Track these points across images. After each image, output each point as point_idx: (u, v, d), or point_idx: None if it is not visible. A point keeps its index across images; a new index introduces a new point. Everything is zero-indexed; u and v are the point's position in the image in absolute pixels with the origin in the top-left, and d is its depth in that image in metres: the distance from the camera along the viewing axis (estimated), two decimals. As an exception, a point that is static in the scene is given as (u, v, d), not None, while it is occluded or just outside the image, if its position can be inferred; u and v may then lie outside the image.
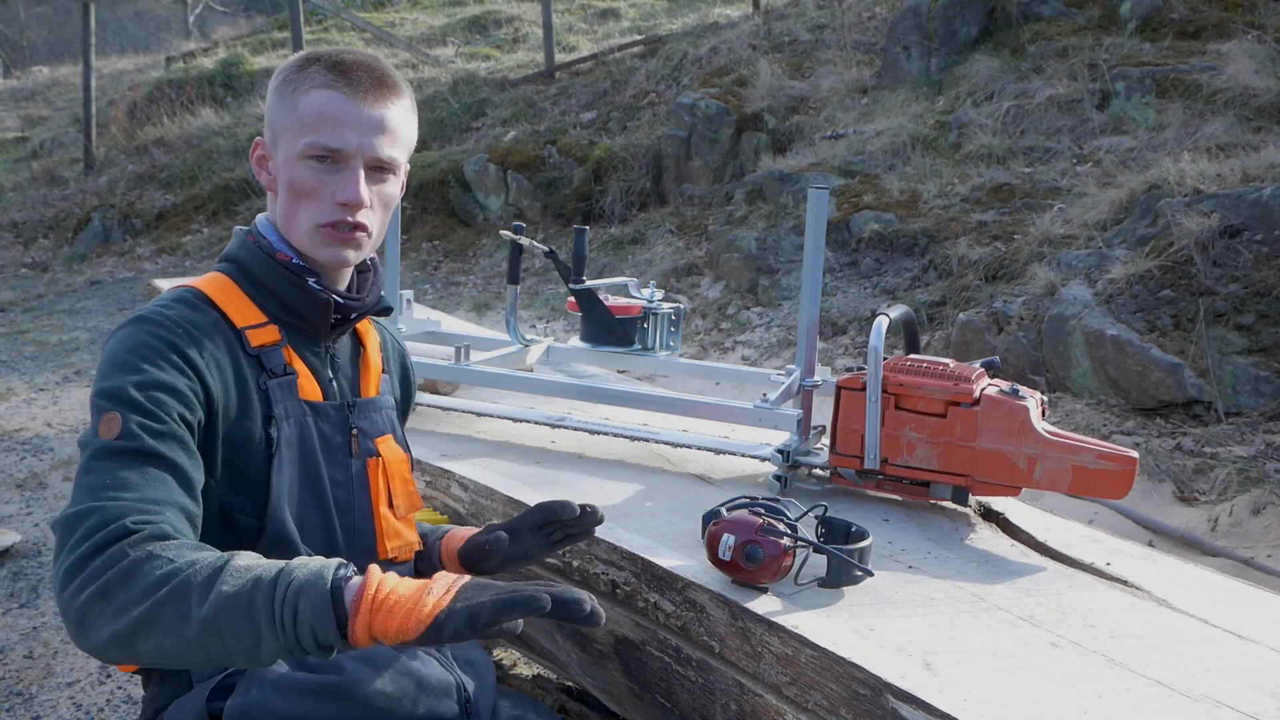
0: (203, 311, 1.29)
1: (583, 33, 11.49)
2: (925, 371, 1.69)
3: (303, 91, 1.29)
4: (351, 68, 1.30)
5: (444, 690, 1.33)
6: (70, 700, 2.61)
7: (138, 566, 1.04)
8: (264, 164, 1.36)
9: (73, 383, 5.50)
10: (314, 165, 1.28)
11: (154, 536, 1.08)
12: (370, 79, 1.30)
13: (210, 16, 18.32)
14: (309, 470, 1.32)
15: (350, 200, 1.28)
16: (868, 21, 8.39)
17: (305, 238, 1.32)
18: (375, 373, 1.46)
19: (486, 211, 8.25)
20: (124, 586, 1.03)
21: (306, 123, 1.28)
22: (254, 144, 1.37)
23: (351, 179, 1.28)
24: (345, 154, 1.28)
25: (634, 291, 2.53)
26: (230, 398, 1.26)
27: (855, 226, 5.48)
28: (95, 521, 1.07)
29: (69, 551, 1.07)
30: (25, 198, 11.08)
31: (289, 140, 1.30)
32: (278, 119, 1.32)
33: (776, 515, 1.41)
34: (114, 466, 1.12)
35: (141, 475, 1.13)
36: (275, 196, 1.34)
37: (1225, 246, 4.03)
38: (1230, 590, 1.50)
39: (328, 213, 1.29)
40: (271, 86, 1.34)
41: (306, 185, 1.29)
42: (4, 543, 3.43)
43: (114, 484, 1.11)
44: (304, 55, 1.34)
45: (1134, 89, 5.68)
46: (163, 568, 1.04)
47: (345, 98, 1.28)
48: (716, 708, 1.38)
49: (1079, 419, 3.75)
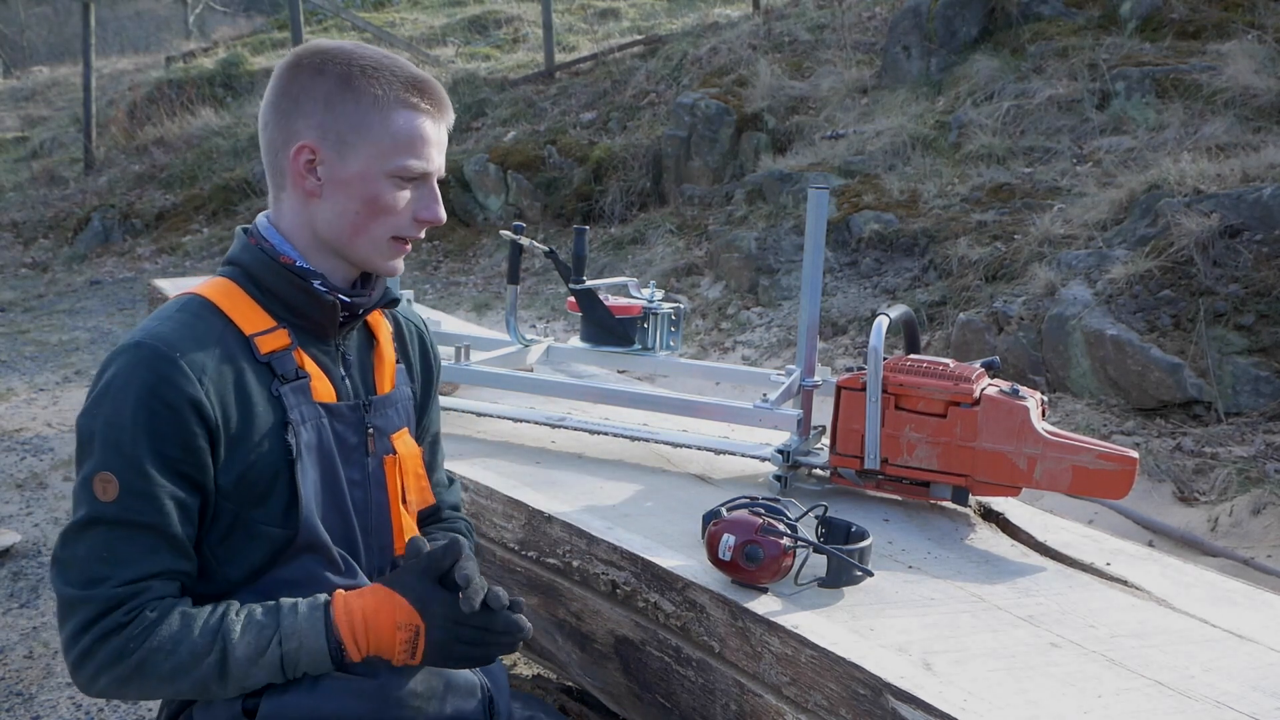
0: (207, 321, 1.27)
1: (583, 33, 11.49)
2: (925, 371, 1.69)
3: (389, 108, 1.28)
4: (425, 86, 1.32)
5: (469, 690, 1.35)
6: (70, 700, 2.61)
7: (144, 661, 1.19)
8: (312, 169, 1.29)
9: (73, 383, 5.50)
10: (399, 183, 1.30)
11: (147, 624, 1.19)
12: (440, 98, 1.34)
13: (210, 16, 18.31)
14: (327, 472, 1.32)
15: (435, 220, 1.35)
16: (868, 21, 8.39)
17: (372, 247, 1.33)
18: (389, 366, 1.45)
19: (486, 211, 8.25)
20: (139, 676, 1.19)
21: (400, 143, 1.29)
22: (298, 148, 1.28)
23: (433, 198, 1.35)
24: (429, 175, 1.33)
25: (634, 291, 2.53)
26: (232, 419, 1.25)
27: (855, 226, 5.48)
28: (90, 613, 1.18)
29: (73, 638, 1.19)
30: (25, 198, 11.08)
31: (372, 155, 1.28)
32: (351, 128, 1.28)
33: (776, 515, 1.41)
34: (108, 538, 1.19)
35: (134, 548, 1.20)
36: (318, 201, 1.30)
37: (1225, 246, 4.03)
38: (1230, 590, 1.50)
39: (405, 228, 1.33)
40: (329, 90, 1.28)
41: (388, 202, 1.30)
42: (4, 543, 3.43)
43: (109, 558, 1.19)
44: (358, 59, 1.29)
45: (1134, 89, 5.68)
46: (169, 659, 1.19)
47: (433, 121, 1.32)
48: (716, 708, 1.38)
49: (1079, 419, 3.75)
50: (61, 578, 1.20)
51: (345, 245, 1.32)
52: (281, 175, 1.32)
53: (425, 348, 1.56)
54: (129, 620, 1.18)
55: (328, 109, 1.28)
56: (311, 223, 1.32)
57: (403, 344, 1.51)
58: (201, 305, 1.29)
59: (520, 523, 1.74)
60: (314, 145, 1.29)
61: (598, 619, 1.59)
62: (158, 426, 1.19)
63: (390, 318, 1.51)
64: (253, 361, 1.28)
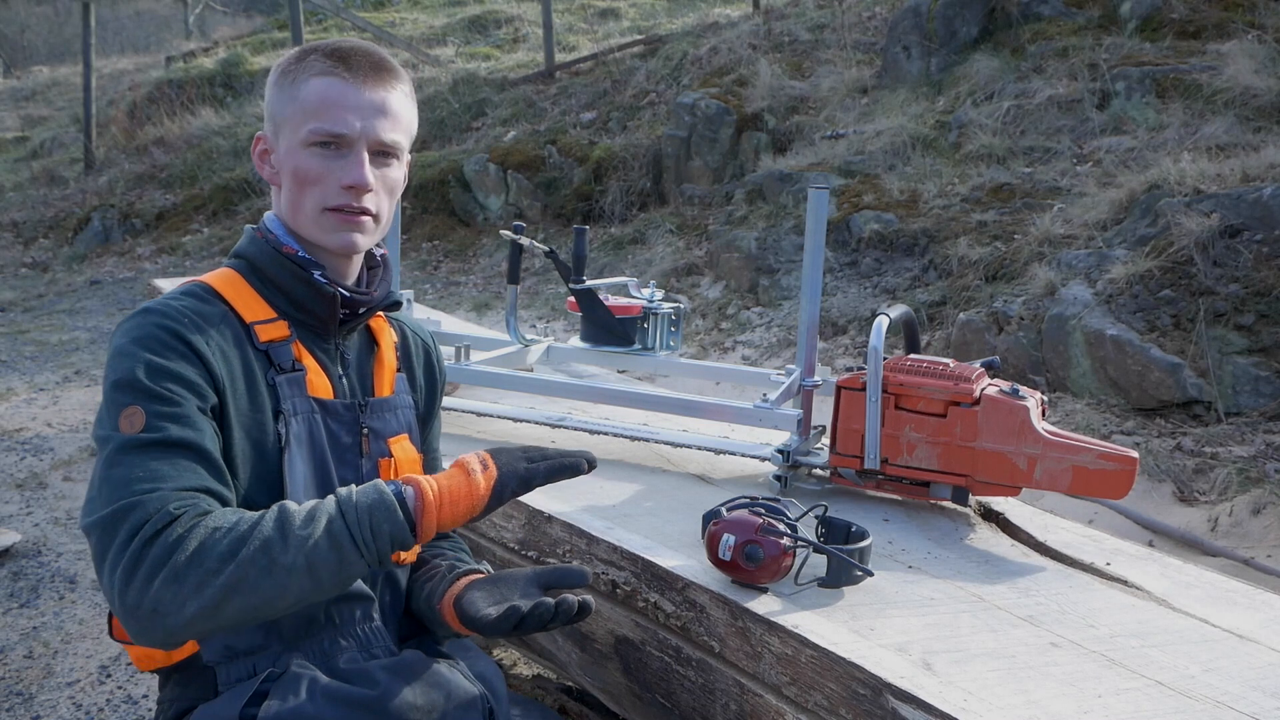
0: (210, 304, 1.29)
1: (583, 33, 11.49)
2: (925, 371, 1.69)
3: (303, 80, 1.30)
4: (350, 54, 1.31)
5: (470, 703, 1.34)
6: (70, 700, 2.61)
7: (201, 542, 1.09)
8: (266, 158, 1.36)
9: (73, 383, 5.50)
10: (318, 152, 1.29)
11: (200, 514, 1.12)
12: (369, 64, 1.31)
13: (210, 16, 18.31)
14: (319, 468, 1.32)
15: (356, 183, 1.29)
16: (868, 21, 8.39)
17: (312, 224, 1.32)
18: (389, 372, 1.44)
19: (486, 211, 8.25)
20: (196, 564, 1.08)
21: (308, 110, 1.29)
22: (255, 140, 1.37)
23: (356, 161, 1.30)
24: (349, 138, 1.29)
25: (634, 291, 2.53)
26: (238, 387, 1.26)
27: (855, 226, 5.48)
28: (138, 517, 1.10)
29: (119, 549, 1.09)
30: (25, 198, 11.08)
31: (291, 129, 1.30)
32: (278, 110, 1.32)
33: (776, 515, 1.41)
34: (143, 459, 1.14)
35: (172, 465, 1.15)
36: (280, 189, 1.34)
37: (1225, 246, 4.03)
38: (1230, 590, 1.50)
39: (333, 197, 1.30)
40: (270, 80, 1.35)
41: (311, 172, 1.29)
42: (4, 543, 3.43)
43: (147, 475, 1.13)
44: (302, 48, 1.35)
45: (1134, 89, 5.68)
46: (227, 535, 1.10)
47: (345, 83, 1.29)
48: (716, 708, 1.38)
49: (1079, 419, 3.75)
50: (94, 513, 1.11)
51: (296, 227, 1.34)
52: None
53: (431, 362, 1.56)
54: (178, 516, 1.10)
55: (271, 99, 1.34)
56: (281, 212, 1.36)
57: (407, 354, 1.51)
58: (205, 290, 1.31)
59: (520, 523, 1.74)
60: (264, 135, 1.36)
61: (598, 619, 1.59)
62: (172, 363, 1.20)
63: (397, 328, 1.51)
64: (251, 348, 1.29)
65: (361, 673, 1.27)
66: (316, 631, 1.32)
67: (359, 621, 1.36)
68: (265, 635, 1.29)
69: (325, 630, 1.32)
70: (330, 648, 1.32)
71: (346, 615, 1.34)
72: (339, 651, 1.33)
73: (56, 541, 3.52)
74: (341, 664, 1.31)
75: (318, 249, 1.35)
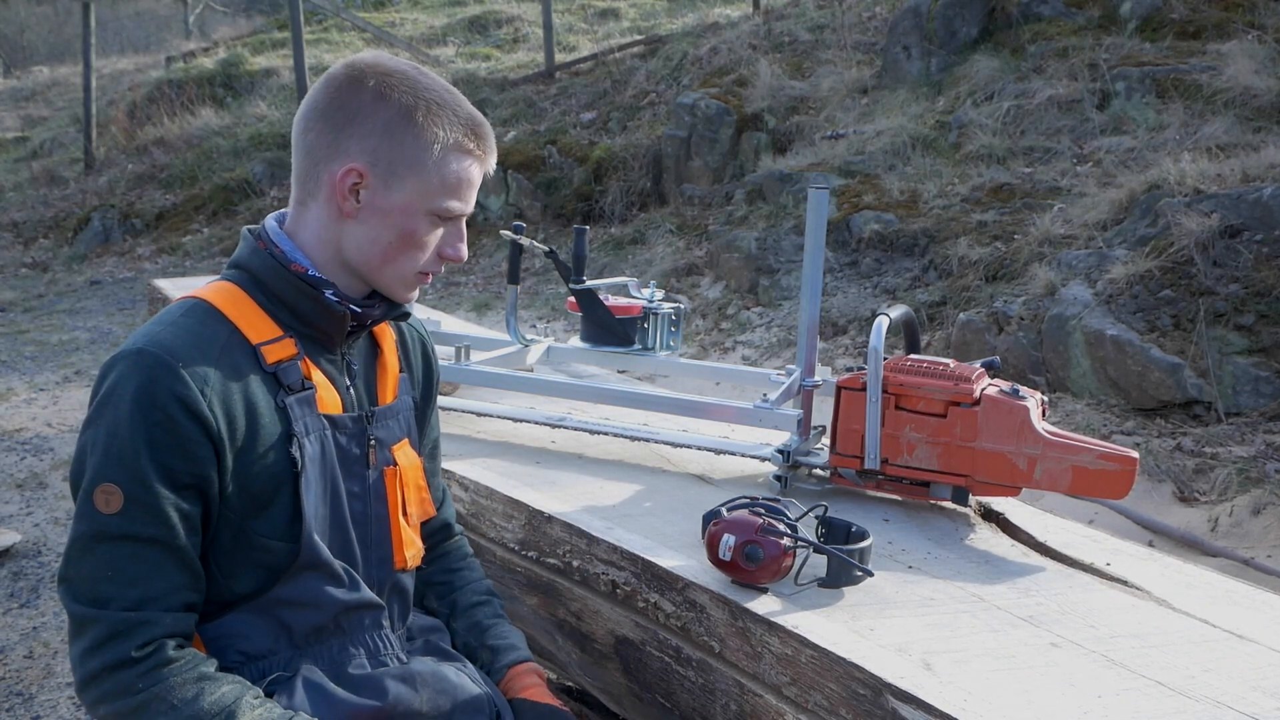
0: (212, 328, 1.23)
1: (583, 33, 11.49)
2: (925, 371, 1.69)
3: (447, 148, 1.28)
4: (484, 134, 1.33)
5: (477, 707, 1.34)
6: (70, 700, 2.61)
7: (149, 705, 1.14)
8: (355, 192, 1.27)
9: (73, 383, 5.50)
10: (435, 221, 1.31)
11: (159, 664, 1.15)
12: (493, 144, 1.35)
13: (210, 16, 18.30)
14: (329, 485, 1.31)
15: (458, 258, 1.36)
16: (868, 21, 8.39)
17: (397, 278, 1.33)
18: (393, 376, 1.44)
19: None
20: (138, 717, 1.15)
21: (448, 186, 1.29)
22: (346, 170, 1.26)
23: (459, 236, 1.35)
24: (464, 215, 1.34)
25: (634, 291, 2.53)
26: (238, 430, 1.22)
27: (855, 226, 5.48)
28: (101, 632, 1.15)
29: (82, 659, 1.16)
30: (25, 198, 11.08)
31: (417, 191, 1.27)
32: (399, 159, 1.26)
33: (776, 515, 1.41)
34: (114, 554, 1.16)
35: (140, 565, 1.17)
36: (353, 221, 1.28)
37: (1225, 246, 4.03)
38: (1230, 590, 1.50)
39: (430, 264, 1.34)
40: (386, 113, 1.26)
41: (424, 239, 1.31)
42: (4, 543, 3.43)
43: (115, 576, 1.16)
44: (419, 82, 1.28)
45: (1134, 89, 5.68)
46: (168, 717, 1.14)
47: (480, 166, 1.33)
48: (716, 708, 1.38)
49: (1079, 419, 3.75)
50: (70, 594, 1.17)
51: (370, 271, 1.31)
52: (316, 187, 1.29)
53: (427, 355, 1.55)
54: (143, 657, 1.15)
55: (386, 137, 1.26)
56: (338, 240, 1.30)
57: (405, 352, 1.50)
58: (207, 311, 1.25)
59: (520, 523, 1.74)
60: (363, 170, 1.26)
61: (598, 619, 1.59)
62: (159, 437, 1.16)
63: (394, 325, 1.49)
64: (259, 371, 1.25)
65: (372, 686, 1.27)
66: (326, 638, 1.31)
67: (368, 629, 1.35)
68: (275, 639, 1.28)
69: (335, 637, 1.32)
70: (340, 654, 1.32)
71: (356, 623, 1.34)
72: (348, 659, 1.32)
73: (56, 541, 3.52)
74: (351, 670, 1.31)
75: (346, 277, 1.32)
